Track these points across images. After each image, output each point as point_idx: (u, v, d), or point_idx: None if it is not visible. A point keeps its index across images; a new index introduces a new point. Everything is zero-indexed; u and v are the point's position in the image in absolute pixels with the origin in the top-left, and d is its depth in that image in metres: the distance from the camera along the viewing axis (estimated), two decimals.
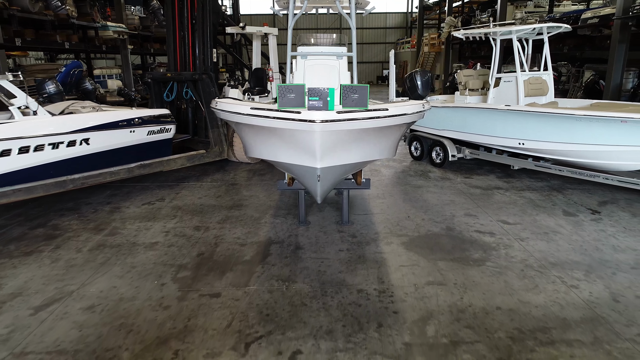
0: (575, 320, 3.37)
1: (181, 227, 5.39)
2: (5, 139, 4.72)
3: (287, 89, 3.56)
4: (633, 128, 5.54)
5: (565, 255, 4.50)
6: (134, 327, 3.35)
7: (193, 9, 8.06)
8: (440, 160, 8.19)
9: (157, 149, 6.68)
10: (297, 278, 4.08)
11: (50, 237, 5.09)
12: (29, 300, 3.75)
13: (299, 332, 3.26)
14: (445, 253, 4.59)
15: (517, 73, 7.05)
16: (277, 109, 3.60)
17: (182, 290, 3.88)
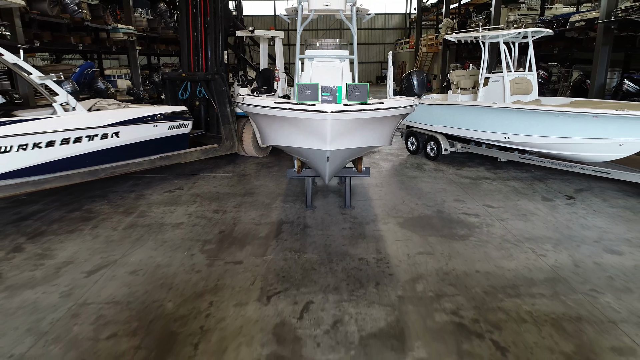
0: (540, 280, 4.05)
1: (201, 210, 6.06)
2: (51, 132, 5.39)
3: (305, 87, 4.26)
4: (603, 122, 6.21)
5: (539, 232, 5.18)
6: (173, 285, 4.03)
7: (206, 14, 8.71)
8: (434, 154, 8.87)
9: (176, 143, 7.35)
10: (306, 249, 4.76)
11: (86, 219, 5.76)
12: (80, 266, 4.42)
13: (311, 289, 3.93)
14: (435, 230, 5.27)
15: (503, 73, 7.72)
16: (297, 102, 4.32)
17: (210, 259, 4.55)
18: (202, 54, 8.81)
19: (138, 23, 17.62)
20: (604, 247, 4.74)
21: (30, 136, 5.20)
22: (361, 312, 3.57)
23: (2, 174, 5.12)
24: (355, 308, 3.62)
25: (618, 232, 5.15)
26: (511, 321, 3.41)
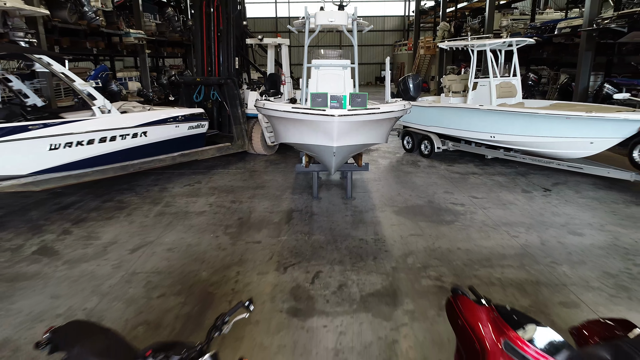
0: (510, 255, 4.85)
1: (220, 201, 6.86)
2: (91, 132, 6.18)
3: (317, 96, 5.08)
4: (575, 123, 7.01)
5: (515, 218, 5.99)
6: (204, 259, 4.83)
7: (219, 23, 9.51)
8: (428, 152, 9.67)
9: (194, 141, 8.14)
10: (314, 232, 5.56)
11: (120, 208, 6.56)
12: (124, 245, 5.22)
13: (319, 262, 4.73)
14: (425, 217, 6.07)
15: (490, 79, 8.51)
16: (310, 108, 5.17)
17: (233, 240, 5.35)
18: (215, 60, 9.60)
19: (147, 27, 18.40)
20: (568, 230, 5.55)
21: (74, 135, 5.99)
22: (361, 278, 4.37)
23: (52, 168, 5.91)
24: (356, 275, 4.42)
25: (583, 218, 5.96)
26: (483, 284, 4.21)
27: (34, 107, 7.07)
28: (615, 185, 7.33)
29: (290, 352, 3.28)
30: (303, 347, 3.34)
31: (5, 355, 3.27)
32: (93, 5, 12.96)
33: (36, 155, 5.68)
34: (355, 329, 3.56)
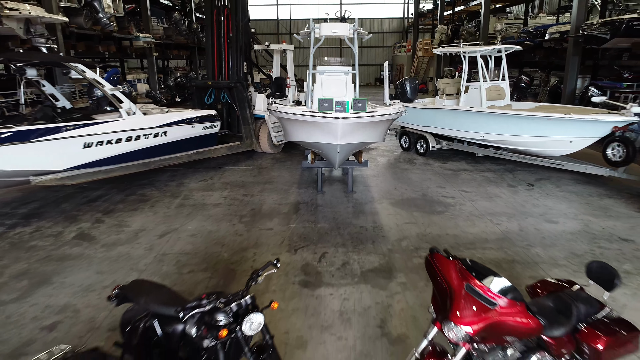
0: (492, 239, 5.55)
1: (233, 194, 7.56)
2: (119, 131, 6.88)
3: (324, 101, 5.80)
4: (556, 124, 7.71)
5: (499, 209, 6.68)
6: (224, 243, 5.52)
7: (228, 30, 10.20)
8: (424, 150, 10.37)
9: (207, 141, 8.83)
10: (320, 221, 6.26)
11: (143, 201, 7.25)
12: (152, 232, 5.92)
13: (325, 244, 5.43)
14: (419, 208, 6.76)
15: (480, 82, 9.20)
16: (319, 111, 5.89)
17: (247, 227, 6.05)
18: (225, 65, 10.30)
19: (155, 31, 19.11)
20: (545, 218, 6.25)
21: (105, 135, 6.69)
22: (362, 258, 5.07)
23: (85, 164, 6.61)
24: (357, 255, 5.12)
25: (560, 208, 6.66)
26: None
27: (63, 109, 7.76)
28: (593, 180, 8.03)
29: (303, 314, 3.98)
30: (313, 310, 4.04)
31: (69, 315, 3.97)
32: (107, 11, 13.64)
33: (72, 152, 6.38)
34: (356, 296, 4.26)
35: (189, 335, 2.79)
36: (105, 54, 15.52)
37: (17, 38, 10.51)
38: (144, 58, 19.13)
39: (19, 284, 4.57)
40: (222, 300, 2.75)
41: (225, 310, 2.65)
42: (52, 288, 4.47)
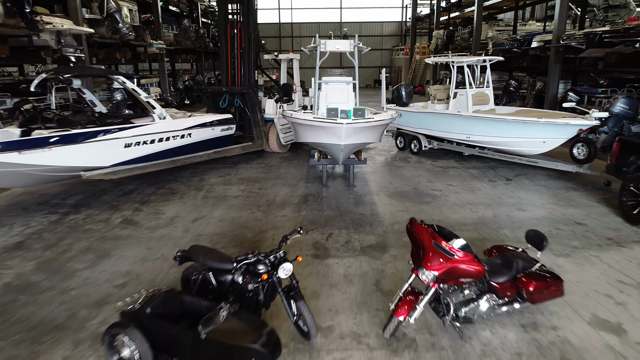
0: (469, 223, 6.68)
1: (249, 188, 8.68)
2: (152, 133, 8.00)
3: (331, 110, 6.96)
4: (530, 126, 8.84)
5: (479, 199, 7.81)
6: (247, 226, 6.65)
7: (241, 41, 11.32)
8: (417, 150, 11.50)
9: (224, 141, 9.95)
10: (325, 209, 7.39)
11: (172, 193, 8.38)
12: (185, 218, 7.04)
13: (331, 227, 6.56)
14: (410, 199, 7.89)
15: (467, 89, 10.32)
16: (326, 118, 7.04)
17: (265, 214, 7.18)
18: (237, 73, 11.41)
19: (166, 38, 20.24)
20: (517, 207, 7.38)
21: (142, 136, 7.81)
22: (361, 237, 6.20)
23: (125, 162, 7.73)
24: (357, 235, 6.25)
25: (531, 199, 7.79)
26: None
27: (100, 114, 8.88)
28: (563, 175, 9.17)
29: (316, 276, 5.11)
30: (323, 274, 5.17)
31: (133, 278, 5.10)
32: (126, 22, 14.76)
33: (115, 151, 7.51)
34: (357, 264, 5.39)
35: (236, 283, 3.94)
36: (122, 60, 16.64)
37: (49, 48, 11.62)
38: (155, 62, 20.23)
39: (86, 257, 5.70)
40: (262, 254, 3.89)
41: (265, 261, 3.79)
42: (114, 260, 5.60)
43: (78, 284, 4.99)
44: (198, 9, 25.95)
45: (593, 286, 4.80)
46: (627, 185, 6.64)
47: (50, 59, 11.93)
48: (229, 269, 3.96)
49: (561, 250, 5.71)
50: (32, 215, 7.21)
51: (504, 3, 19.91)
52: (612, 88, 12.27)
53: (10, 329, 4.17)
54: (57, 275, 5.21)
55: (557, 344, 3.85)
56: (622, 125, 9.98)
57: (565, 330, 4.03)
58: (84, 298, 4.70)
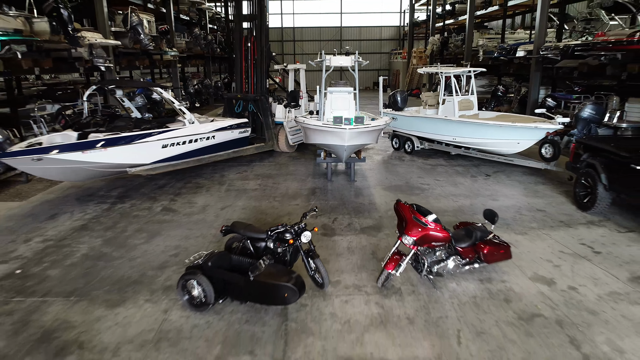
0: (450, 210, 8.11)
1: (265, 183, 10.11)
2: (184, 136, 9.43)
3: (337, 117, 8.41)
4: (506, 129, 10.26)
5: (460, 192, 9.24)
6: (266, 213, 8.08)
7: (254, 53, 12.75)
8: (410, 150, 12.93)
9: (241, 142, 11.38)
10: (331, 199, 8.82)
11: (199, 187, 9.80)
12: (214, 207, 8.47)
13: (335, 213, 7.99)
14: (402, 191, 9.32)
15: (453, 97, 11.74)
16: (333, 124, 8.50)
17: (280, 203, 8.60)
18: (251, 81, 12.85)
19: (178, 45, 21.66)
20: (491, 198, 8.81)
21: (175, 138, 9.25)
22: (360, 221, 7.63)
23: (162, 160, 9.16)
24: (357, 219, 7.69)
25: (503, 191, 9.23)
26: None
27: (136, 119, 10.30)
28: (535, 172, 10.61)
29: (325, 248, 6.54)
30: (331, 247, 6.60)
31: (182, 250, 6.52)
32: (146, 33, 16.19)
33: (154, 151, 8.94)
34: (357, 240, 6.82)
35: (269, 248, 5.36)
36: (140, 67, 18.07)
37: (83, 59, 13.04)
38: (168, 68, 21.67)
39: (140, 235, 7.13)
40: (288, 226, 5.31)
41: (291, 230, 5.21)
42: (163, 237, 7.03)
43: (140, 254, 6.43)
44: (206, 16, 27.38)
45: (539, 255, 6.24)
46: (579, 178, 8.08)
47: (83, 69, 13.37)
48: (263, 237, 5.40)
49: (520, 230, 7.15)
50: (86, 205, 8.64)
51: (493, 13, 21.35)
52: (585, 95, 13.70)
53: (100, 283, 5.60)
54: (122, 248, 6.65)
55: (504, 291, 5.28)
56: (590, 128, 11.46)
57: (511, 283, 5.46)
58: (147, 263, 6.13)
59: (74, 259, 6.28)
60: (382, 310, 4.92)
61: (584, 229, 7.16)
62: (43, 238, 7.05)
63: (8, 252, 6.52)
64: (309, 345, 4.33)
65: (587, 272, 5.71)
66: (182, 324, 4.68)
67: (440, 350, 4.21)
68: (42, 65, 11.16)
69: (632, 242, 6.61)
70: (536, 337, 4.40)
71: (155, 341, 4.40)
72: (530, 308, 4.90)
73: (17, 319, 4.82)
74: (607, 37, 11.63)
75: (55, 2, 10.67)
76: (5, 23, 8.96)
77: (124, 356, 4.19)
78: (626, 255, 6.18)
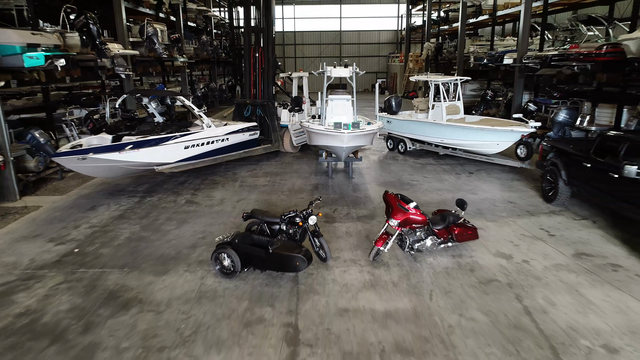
0: (434, 202, 9.43)
1: (273, 179, 11.43)
2: (202, 138, 10.75)
3: (337, 123, 9.74)
4: (487, 132, 11.59)
5: (445, 187, 10.57)
6: (276, 204, 9.40)
7: (262, 62, 14.07)
8: (403, 150, 14.25)
9: (251, 144, 12.70)
10: (331, 194, 10.14)
11: (215, 183, 11.12)
12: (230, 199, 9.79)
13: (336, 205, 9.31)
14: (394, 187, 10.64)
15: (442, 102, 13.06)
16: (334, 128, 9.84)
17: (288, 197, 9.92)
18: (259, 88, 14.17)
19: (187, 52, 22.93)
20: (471, 192, 10.14)
21: (196, 140, 10.57)
22: (357, 211, 8.96)
23: (184, 159, 10.48)
24: (355, 210, 9.01)
25: (483, 187, 10.55)
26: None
27: (158, 123, 11.61)
28: (513, 170, 11.94)
29: (327, 233, 7.85)
30: (332, 231, 7.91)
31: (208, 234, 7.84)
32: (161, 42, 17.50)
33: (178, 151, 10.26)
34: (354, 226, 8.14)
35: (282, 230, 6.69)
36: (153, 73, 19.38)
37: (105, 68, 14.35)
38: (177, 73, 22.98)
39: (171, 223, 8.44)
40: (298, 211, 6.63)
41: (300, 215, 6.54)
42: (190, 225, 8.35)
43: (174, 237, 7.75)
44: (212, 22, 28.68)
45: (503, 237, 7.56)
46: (545, 175, 9.41)
47: (105, 76, 14.68)
48: (278, 221, 6.72)
49: (492, 218, 8.47)
50: (119, 198, 9.96)
51: (483, 21, 22.67)
52: (563, 100, 15.02)
53: (145, 259, 6.92)
54: (157, 232, 7.97)
55: (470, 263, 6.60)
56: (565, 130, 12.80)
57: (477, 258, 6.78)
58: (181, 244, 7.45)
59: (120, 241, 7.60)
60: (372, 277, 6.24)
61: (545, 217, 8.49)
62: (89, 225, 8.37)
63: (63, 236, 7.84)
64: (315, 301, 5.65)
65: (540, 250, 7.04)
66: (216, 287, 6.00)
67: (416, 304, 5.54)
68: (72, 74, 12.48)
69: (583, 227, 7.95)
70: (490, 294, 5.72)
71: (197, 298, 5.73)
72: (489, 275, 6.23)
73: (86, 284, 6.14)
74: (580, 49, 12.95)
75: (86, 18, 11.97)
76: (47, 40, 10.24)
77: (175, 308, 5.51)
78: (575, 237, 7.51)
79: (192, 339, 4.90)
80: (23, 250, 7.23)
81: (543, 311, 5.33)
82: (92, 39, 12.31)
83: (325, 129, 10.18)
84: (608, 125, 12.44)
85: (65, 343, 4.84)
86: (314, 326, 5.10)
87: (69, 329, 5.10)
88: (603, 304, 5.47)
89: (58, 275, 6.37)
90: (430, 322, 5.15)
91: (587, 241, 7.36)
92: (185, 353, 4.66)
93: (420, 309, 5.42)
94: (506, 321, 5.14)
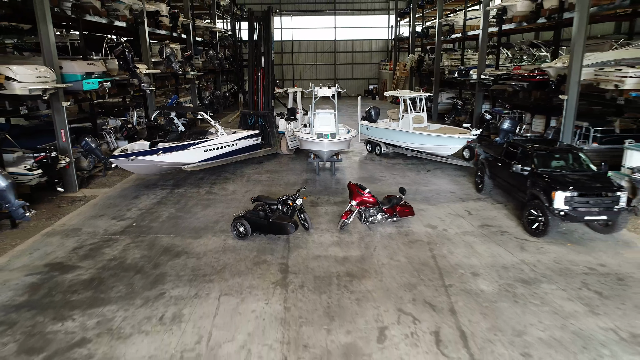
0: (393, 192, 12.50)
1: (272, 176, 14.50)
2: (217, 144, 13.81)
3: (319, 133, 12.83)
4: (441, 138, 14.66)
5: (406, 181, 13.64)
6: (276, 193, 12.45)
7: (263, 80, 17.14)
8: (379, 152, 17.34)
9: (255, 147, 15.77)
10: (317, 186, 13.21)
11: (227, 179, 14.18)
12: (240, 190, 12.86)
13: (320, 195, 12.38)
14: (367, 181, 13.69)
15: (409, 113, 16.12)
16: (317, 138, 12.96)
17: (284, 188, 12.98)
18: (260, 101, 17.24)
19: (196, 65, 26.01)
20: (424, 185, 13.21)
21: (213, 145, 13.64)
22: (335, 198, 12.03)
23: (204, 160, 13.54)
24: (333, 198, 12.09)
25: (434, 181, 13.63)
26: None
27: (181, 132, 14.66)
28: (462, 169, 15.03)
29: (312, 213, 10.90)
30: (315, 212, 10.99)
31: (226, 214, 10.91)
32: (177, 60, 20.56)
33: (199, 154, 13.32)
34: (332, 209, 11.21)
35: (278, 209, 9.81)
36: (168, 86, 22.47)
37: (134, 85, 17.42)
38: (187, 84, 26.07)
39: (197, 207, 11.51)
40: (290, 195, 9.74)
41: (290, 198, 9.66)
42: (212, 208, 11.40)
43: (202, 216, 10.81)
44: (217, 36, 31.74)
45: (436, 215, 10.64)
46: (477, 172, 12.49)
47: (132, 91, 17.74)
48: (275, 202, 9.80)
49: (433, 203, 11.55)
50: (154, 190, 13.01)
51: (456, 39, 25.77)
52: (512, 110, 18.13)
53: (183, 229, 9.98)
54: (189, 213, 11.03)
55: (407, 231, 9.67)
56: (508, 137, 15.89)
57: (413, 228, 9.85)
58: (207, 220, 10.51)
59: (162, 219, 10.67)
60: (338, 239, 9.32)
61: (472, 202, 11.58)
62: (137, 208, 11.44)
63: (121, 215, 10.91)
64: (300, 252, 8.72)
65: (458, 223, 10.12)
66: (234, 245, 9.07)
67: (364, 253, 8.61)
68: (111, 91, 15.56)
69: (495, 209, 11.04)
70: (413, 248, 8.80)
71: (223, 250, 8.79)
72: (417, 237, 9.31)
73: (147, 243, 9.20)
74: (521, 71, 16.06)
75: (123, 47, 15.04)
76: (97, 68, 13.30)
77: (209, 256, 8.57)
78: (486, 215, 10.60)
79: (222, 270, 7.98)
80: (97, 224, 10.30)
81: (443, 257, 8.41)
82: (127, 64, 15.37)
83: (310, 138, 13.27)
84: (540, 132, 15.59)
85: (144, 273, 7.92)
86: (298, 264, 8.18)
87: (144, 266, 8.17)
88: (484, 252, 8.56)
89: (127, 239, 9.44)
90: (370, 262, 8.24)
91: (493, 217, 10.45)
92: (219, 277, 7.74)
93: (366, 256, 8.50)
94: (418, 261, 8.23)
